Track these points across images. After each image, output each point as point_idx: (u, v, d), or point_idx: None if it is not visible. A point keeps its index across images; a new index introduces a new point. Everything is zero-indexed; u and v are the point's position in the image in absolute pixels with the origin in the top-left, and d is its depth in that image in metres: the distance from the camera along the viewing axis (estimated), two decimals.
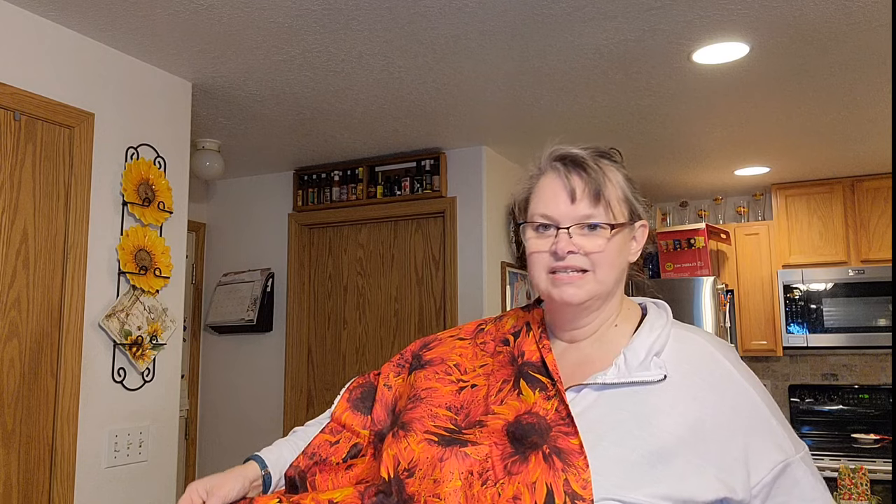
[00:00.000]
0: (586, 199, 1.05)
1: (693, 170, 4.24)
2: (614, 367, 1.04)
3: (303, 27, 2.33)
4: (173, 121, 2.71)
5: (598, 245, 1.05)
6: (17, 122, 2.17)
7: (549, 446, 0.97)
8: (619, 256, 1.07)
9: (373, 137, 3.51)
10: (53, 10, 2.22)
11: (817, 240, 4.39)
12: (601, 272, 1.06)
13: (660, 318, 1.10)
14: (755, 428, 1.00)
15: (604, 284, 1.07)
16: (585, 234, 1.05)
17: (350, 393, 1.24)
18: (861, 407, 4.43)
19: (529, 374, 1.07)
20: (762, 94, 2.98)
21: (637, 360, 1.03)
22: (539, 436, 0.98)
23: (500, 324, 1.21)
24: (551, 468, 0.95)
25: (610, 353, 1.07)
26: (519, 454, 0.97)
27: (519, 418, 1.02)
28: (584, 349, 1.11)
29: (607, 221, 1.05)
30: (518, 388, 1.06)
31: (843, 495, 2.91)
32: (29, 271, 2.17)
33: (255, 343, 4.06)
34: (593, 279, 1.06)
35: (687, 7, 2.22)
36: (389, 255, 3.87)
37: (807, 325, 4.28)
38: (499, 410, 1.04)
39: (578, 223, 1.05)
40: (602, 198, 1.05)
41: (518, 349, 1.12)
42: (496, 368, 1.12)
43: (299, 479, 1.14)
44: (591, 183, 1.06)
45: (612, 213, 1.06)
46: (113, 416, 2.41)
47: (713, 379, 1.03)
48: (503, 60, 2.60)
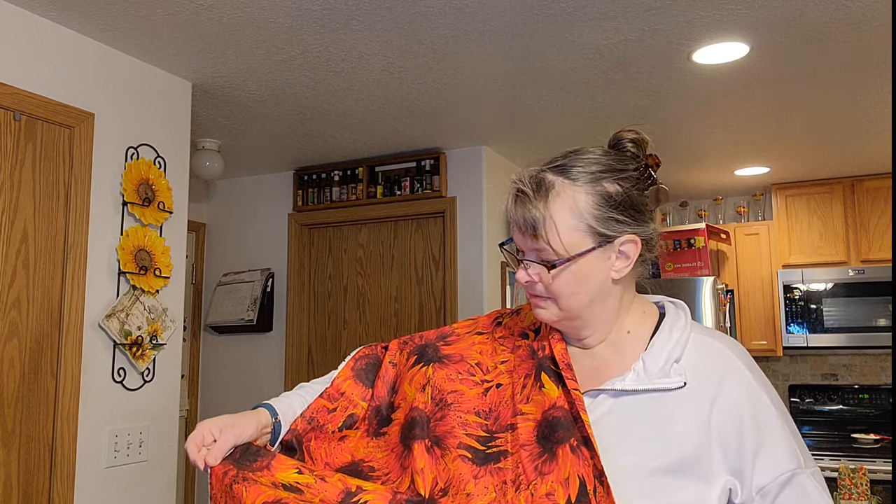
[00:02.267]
0: (528, 234, 1.03)
1: (693, 170, 4.24)
2: (633, 372, 1.02)
3: (303, 27, 2.33)
4: (173, 121, 2.71)
5: (545, 279, 1.03)
6: (17, 122, 2.17)
7: (576, 437, 0.97)
8: (583, 285, 1.03)
9: (373, 137, 3.51)
10: (53, 10, 2.22)
11: (817, 240, 4.39)
12: (561, 302, 1.04)
13: (678, 321, 1.08)
14: (770, 437, 0.99)
15: (570, 311, 1.04)
16: (540, 268, 1.04)
17: (355, 362, 1.23)
18: (861, 407, 4.42)
19: (551, 368, 1.06)
20: (762, 94, 2.98)
21: (657, 367, 1.02)
22: (565, 430, 0.98)
23: (519, 318, 1.19)
24: (580, 458, 0.95)
25: (627, 357, 1.06)
26: (547, 452, 0.97)
27: (546, 414, 1.01)
28: (599, 354, 1.09)
29: (545, 259, 1.02)
30: (540, 381, 1.05)
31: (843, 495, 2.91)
32: (29, 271, 2.17)
33: (255, 343, 4.06)
34: (555, 305, 1.04)
35: (687, 7, 2.22)
36: (389, 255, 3.87)
37: (807, 325, 4.28)
38: (526, 410, 1.03)
39: (530, 256, 1.05)
40: (539, 236, 1.01)
41: (538, 343, 1.11)
42: (517, 364, 1.10)
43: (296, 442, 1.14)
44: (527, 219, 1.02)
45: (552, 249, 1.01)
46: (113, 416, 2.41)
47: (732, 387, 1.01)
48: (503, 60, 2.60)
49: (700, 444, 0.97)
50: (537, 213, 1.01)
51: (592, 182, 1.03)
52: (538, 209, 1.02)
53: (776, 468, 0.97)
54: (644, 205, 1.07)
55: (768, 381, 1.05)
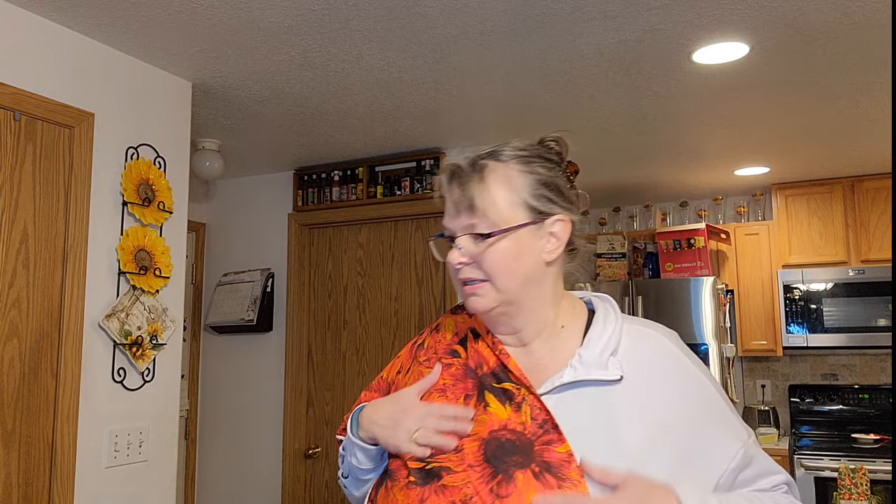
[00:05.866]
0: (465, 210, 1.04)
1: (693, 170, 4.24)
2: (570, 367, 1.02)
3: (303, 27, 2.33)
4: (173, 121, 2.71)
5: (480, 250, 1.03)
6: (17, 122, 2.17)
7: (538, 463, 0.94)
8: (518, 261, 1.03)
9: (372, 137, 3.51)
10: (53, 10, 2.22)
11: (817, 240, 4.39)
12: (498, 280, 1.03)
13: (609, 314, 1.08)
14: (715, 420, 1.01)
15: (506, 292, 1.03)
16: (475, 243, 1.03)
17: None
18: (861, 407, 4.42)
19: (493, 386, 1.03)
20: (762, 94, 2.98)
21: (593, 359, 1.01)
22: (523, 454, 0.95)
23: (440, 334, 1.17)
24: (545, 486, 0.92)
25: (564, 354, 1.05)
26: (502, 473, 0.94)
27: (495, 435, 0.98)
28: (535, 352, 1.08)
29: (484, 230, 1.02)
30: (484, 400, 1.02)
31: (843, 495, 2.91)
32: (29, 271, 2.17)
33: (255, 343, 4.06)
34: (492, 288, 1.03)
35: (687, 7, 2.22)
36: (389, 255, 3.87)
37: (807, 325, 4.28)
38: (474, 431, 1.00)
39: (464, 234, 1.05)
40: (476, 207, 1.03)
41: (474, 359, 1.08)
42: (451, 383, 1.07)
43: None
44: (465, 192, 1.04)
45: (490, 220, 1.02)
46: (113, 415, 2.41)
47: (672, 375, 1.02)
48: (503, 60, 2.60)
49: (646, 437, 0.96)
50: (474, 187, 1.04)
51: (524, 163, 1.06)
52: (474, 182, 1.04)
53: (728, 451, 1.00)
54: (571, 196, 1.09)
55: (702, 362, 1.08)
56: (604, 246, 4.64)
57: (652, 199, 5.08)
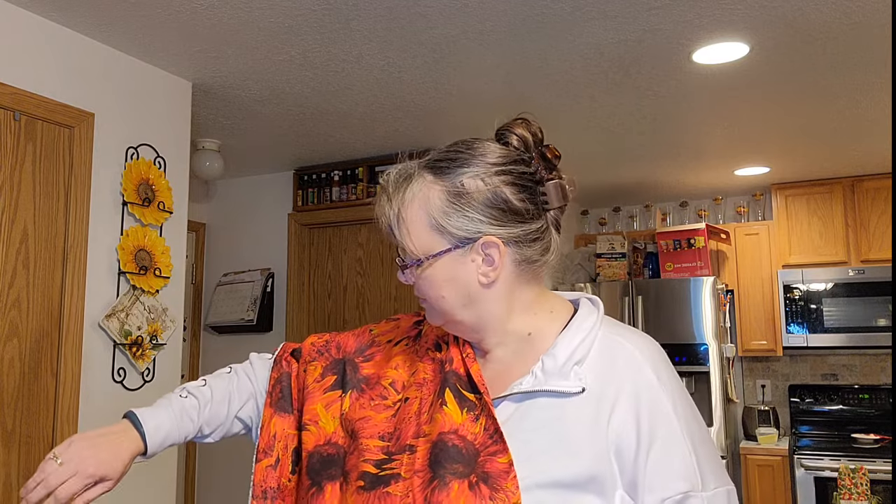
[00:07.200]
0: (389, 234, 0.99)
1: (693, 170, 4.24)
2: (531, 374, 0.94)
3: (303, 27, 2.33)
4: (173, 121, 2.71)
5: (410, 280, 0.99)
6: (17, 122, 2.17)
7: (477, 473, 0.88)
8: (444, 289, 0.95)
9: (372, 137, 3.51)
10: (53, 10, 2.22)
11: (817, 240, 4.39)
12: (435, 304, 0.97)
13: (587, 321, 0.98)
14: (663, 451, 0.89)
15: (447, 314, 0.97)
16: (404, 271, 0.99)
17: (271, 396, 1.14)
18: (861, 407, 4.42)
19: (457, 387, 0.98)
20: (762, 94, 2.98)
21: (556, 367, 0.93)
22: (466, 464, 0.89)
23: (433, 326, 1.10)
24: (477, 496, 0.87)
25: (530, 359, 0.97)
26: (438, 479, 0.89)
27: (443, 438, 0.92)
28: (501, 359, 1.00)
29: (406, 260, 0.97)
30: (443, 398, 0.96)
31: (843, 495, 2.92)
32: (29, 271, 2.17)
33: (255, 343, 4.06)
34: (433, 308, 0.99)
35: (687, 7, 2.22)
36: (389, 255, 3.87)
37: (807, 325, 4.28)
38: (427, 430, 0.95)
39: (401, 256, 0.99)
40: (394, 235, 0.97)
41: (447, 355, 1.02)
42: (429, 378, 1.01)
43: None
44: (383, 219, 0.98)
45: (409, 250, 0.96)
46: (113, 415, 2.41)
47: (632, 393, 0.91)
48: (503, 60, 2.60)
49: (597, 456, 0.88)
50: (391, 212, 0.97)
51: (452, 177, 0.95)
52: (392, 208, 0.97)
53: (665, 489, 0.87)
54: (521, 202, 0.95)
55: (679, 387, 0.94)
56: (604, 246, 4.64)
57: (652, 199, 5.08)
